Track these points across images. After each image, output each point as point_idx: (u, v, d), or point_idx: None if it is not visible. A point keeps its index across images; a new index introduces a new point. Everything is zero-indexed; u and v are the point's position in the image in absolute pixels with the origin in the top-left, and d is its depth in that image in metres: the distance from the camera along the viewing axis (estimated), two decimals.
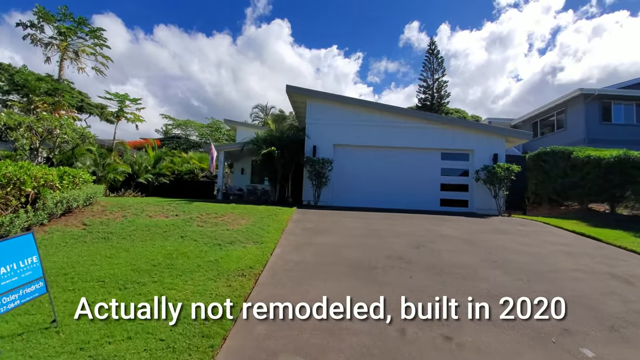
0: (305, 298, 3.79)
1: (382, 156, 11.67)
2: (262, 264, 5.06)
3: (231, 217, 7.68)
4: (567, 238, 7.18)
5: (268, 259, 5.26)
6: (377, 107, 11.63)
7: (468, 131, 11.31)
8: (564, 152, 11.59)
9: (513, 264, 5.39)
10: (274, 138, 11.31)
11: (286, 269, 4.90)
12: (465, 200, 11.39)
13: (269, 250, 5.68)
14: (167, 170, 18.39)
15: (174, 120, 39.31)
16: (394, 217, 9.01)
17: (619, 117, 17.54)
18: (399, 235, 6.90)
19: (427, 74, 40.21)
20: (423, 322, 3.42)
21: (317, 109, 11.80)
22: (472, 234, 7.24)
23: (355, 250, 5.88)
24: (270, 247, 5.83)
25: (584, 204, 11.82)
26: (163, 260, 5.09)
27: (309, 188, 11.03)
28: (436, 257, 5.56)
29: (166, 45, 78.08)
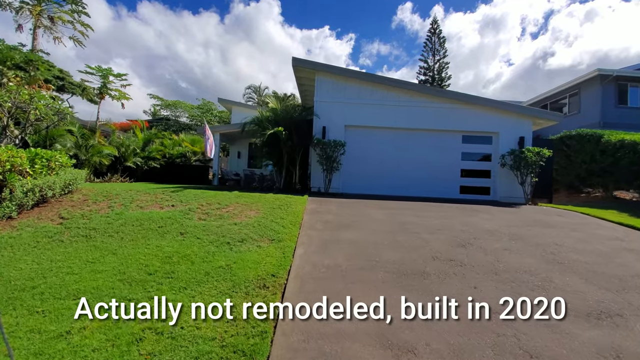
0: (353, 322, 2.84)
1: (397, 139, 10.63)
2: (285, 269, 4.06)
3: (237, 208, 6.62)
4: (618, 231, 6.38)
5: (291, 263, 4.27)
6: (393, 84, 10.49)
7: (492, 111, 10.31)
8: (593, 135, 10.76)
9: (582, 266, 4.52)
10: (280, 117, 10.13)
11: (317, 276, 3.92)
12: (487, 187, 10.53)
13: (290, 250, 4.68)
14: (157, 153, 17.05)
15: (162, 101, 37.23)
16: (417, 207, 8.08)
17: (635, 100, 16.77)
18: (433, 231, 5.97)
19: (427, 55, 38.86)
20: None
21: (327, 85, 10.59)
22: (514, 228, 6.36)
23: (392, 250, 4.93)
24: (291, 247, 4.83)
25: (609, 191, 11.12)
26: (161, 267, 4.05)
27: (318, 174, 9.98)
28: (491, 259, 4.66)
29: (151, 23, 73.96)
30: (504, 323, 3.02)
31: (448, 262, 4.50)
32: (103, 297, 3.32)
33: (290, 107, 10.71)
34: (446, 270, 4.19)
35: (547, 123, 10.77)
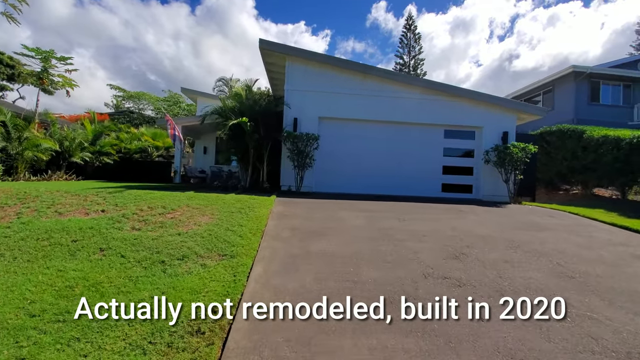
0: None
1: (376, 132, 9.76)
2: (234, 300, 3.00)
3: (186, 213, 5.44)
4: (617, 235, 5.82)
5: (244, 290, 3.20)
6: (372, 72, 9.57)
7: (476, 104, 9.67)
8: (575, 131, 10.43)
9: (596, 281, 3.80)
10: (245, 107, 8.95)
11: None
12: (470, 185, 9.91)
13: (244, 270, 3.61)
14: (110, 148, 15.27)
15: (124, 92, 34.39)
16: (398, 208, 7.23)
17: (607, 97, 17.00)
18: (420, 238, 5.10)
19: (403, 51, 38.64)
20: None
21: (299, 72, 9.50)
22: (507, 232, 5.63)
23: (374, 265, 3.98)
24: (247, 264, 3.76)
25: (589, 188, 10.88)
26: (53, 303, 2.86)
27: (289, 170, 8.91)
28: (493, 274, 3.82)
29: (116, 11, 68.86)
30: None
31: (443, 280, 3.61)
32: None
33: (257, 95, 9.53)
34: (443, 293, 3.28)
35: (530, 117, 10.31)
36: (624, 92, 16.99)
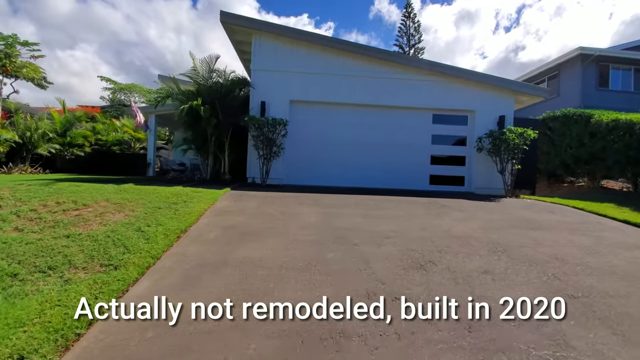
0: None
1: (355, 118, 8.69)
2: (66, 339, 2.02)
3: (100, 209, 4.47)
4: (631, 235, 4.75)
5: (91, 322, 2.23)
6: (351, 48, 8.45)
7: (469, 85, 8.52)
8: (581, 116, 9.25)
9: (605, 303, 2.76)
10: (204, 89, 7.95)
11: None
12: (462, 177, 8.82)
13: (119, 287, 2.66)
14: (82, 139, 14.38)
15: (115, 84, 33.44)
16: (371, 203, 6.20)
17: (617, 83, 15.67)
18: (381, 240, 4.07)
19: (402, 40, 37.16)
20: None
21: (268, 50, 8.43)
22: (495, 232, 4.59)
23: (306, 280, 2.98)
24: (129, 279, 2.80)
25: (597, 180, 9.73)
26: None
27: (254, 160, 7.89)
28: (464, 292, 2.80)
29: (118, 6, 67.83)
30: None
31: (392, 303, 2.59)
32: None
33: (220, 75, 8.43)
34: (385, 332, 2.27)
35: (531, 100, 9.14)
36: (636, 77, 15.64)
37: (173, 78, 8.68)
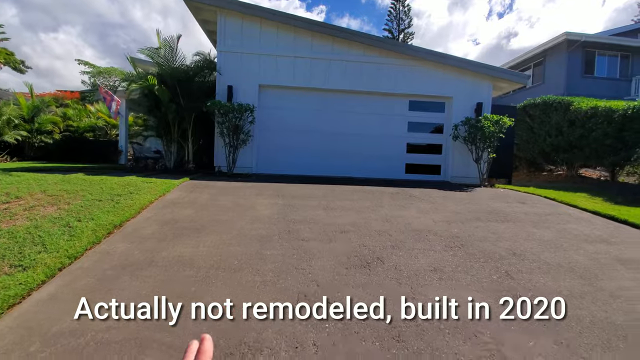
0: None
1: (329, 104, 8.31)
2: None
3: (34, 202, 4.09)
4: (598, 227, 4.58)
5: None
6: (323, 30, 7.97)
7: (446, 70, 8.18)
8: (561, 103, 9.04)
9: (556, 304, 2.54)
10: (166, 71, 7.46)
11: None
12: (438, 165, 8.58)
13: (17, 293, 2.33)
14: (51, 125, 13.70)
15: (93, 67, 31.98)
16: (336, 193, 5.92)
17: (602, 69, 15.50)
18: (334, 235, 3.81)
19: (392, 24, 36.33)
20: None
21: (235, 30, 7.91)
22: (457, 225, 4.36)
23: (235, 281, 2.71)
24: (32, 283, 2.50)
25: (574, 169, 9.63)
26: None
27: (220, 148, 7.50)
28: (404, 293, 2.56)
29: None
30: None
31: (320, 308, 2.33)
32: None
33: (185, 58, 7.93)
34: (303, 343, 2.01)
35: (510, 86, 8.88)
36: (621, 64, 15.48)
37: (130, 58, 8.12)
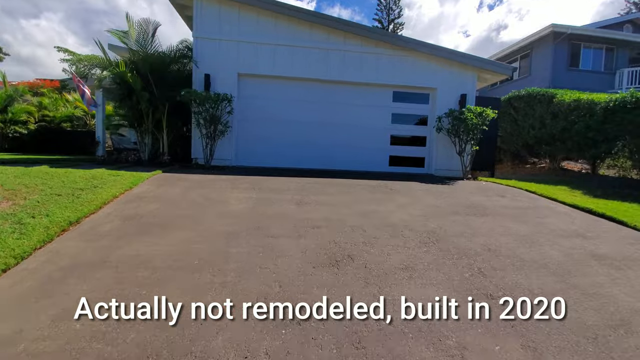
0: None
1: (311, 94, 8.08)
2: None
3: None
4: (575, 221, 4.55)
5: None
6: (305, 17, 7.66)
7: (430, 60, 8.02)
8: (544, 95, 9.01)
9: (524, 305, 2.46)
10: (139, 58, 7.11)
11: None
12: (422, 158, 8.49)
13: None
14: (26, 115, 13.10)
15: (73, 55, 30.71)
16: (317, 186, 5.76)
17: (587, 62, 15.59)
18: (306, 231, 3.66)
19: (382, 14, 35.90)
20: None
21: (212, 15, 7.55)
22: (435, 219, 4.26)
23: (191, 282, 2.53)
24: None
25: (557, 161, 9.68)
26: None
27: (197, 140, 7.23)
28: (370, 293, 2.43)
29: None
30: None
31: (278, 310, 2.18)
32: None
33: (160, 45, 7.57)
34: (256, 352, 1.86)
35: (495, 78, 8.79)
36: (606, 57, 15.59)
37: (98, 42, 7.71)
